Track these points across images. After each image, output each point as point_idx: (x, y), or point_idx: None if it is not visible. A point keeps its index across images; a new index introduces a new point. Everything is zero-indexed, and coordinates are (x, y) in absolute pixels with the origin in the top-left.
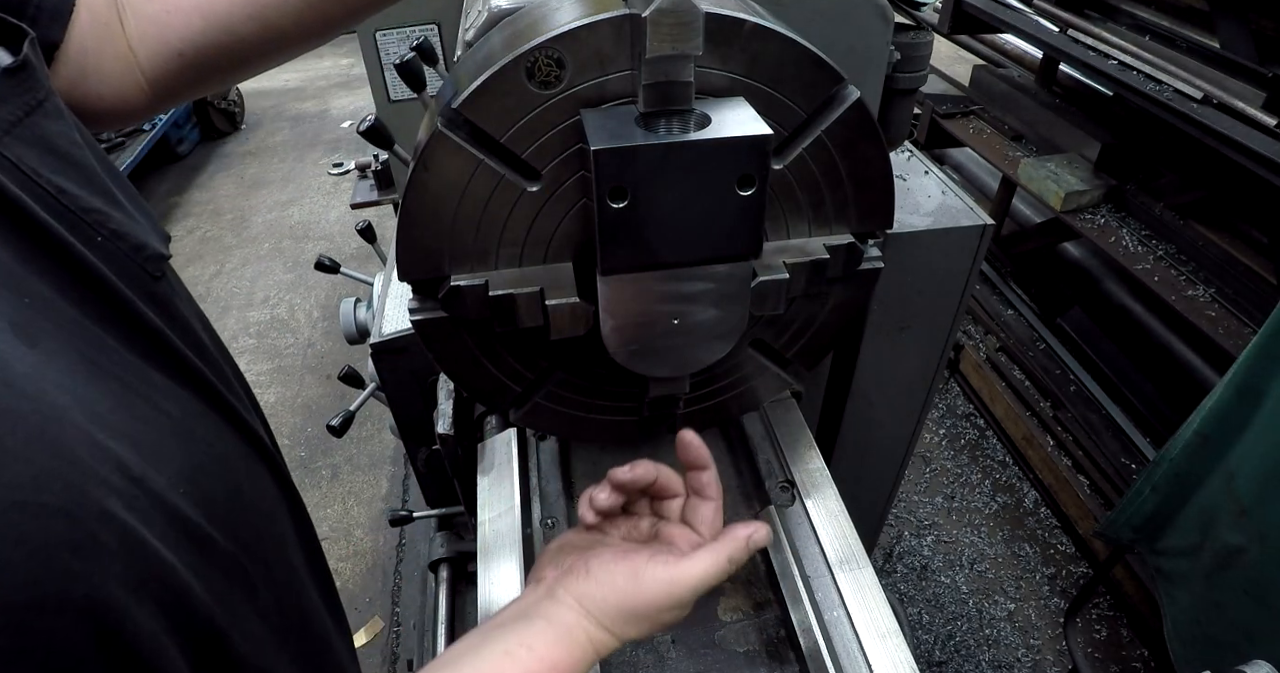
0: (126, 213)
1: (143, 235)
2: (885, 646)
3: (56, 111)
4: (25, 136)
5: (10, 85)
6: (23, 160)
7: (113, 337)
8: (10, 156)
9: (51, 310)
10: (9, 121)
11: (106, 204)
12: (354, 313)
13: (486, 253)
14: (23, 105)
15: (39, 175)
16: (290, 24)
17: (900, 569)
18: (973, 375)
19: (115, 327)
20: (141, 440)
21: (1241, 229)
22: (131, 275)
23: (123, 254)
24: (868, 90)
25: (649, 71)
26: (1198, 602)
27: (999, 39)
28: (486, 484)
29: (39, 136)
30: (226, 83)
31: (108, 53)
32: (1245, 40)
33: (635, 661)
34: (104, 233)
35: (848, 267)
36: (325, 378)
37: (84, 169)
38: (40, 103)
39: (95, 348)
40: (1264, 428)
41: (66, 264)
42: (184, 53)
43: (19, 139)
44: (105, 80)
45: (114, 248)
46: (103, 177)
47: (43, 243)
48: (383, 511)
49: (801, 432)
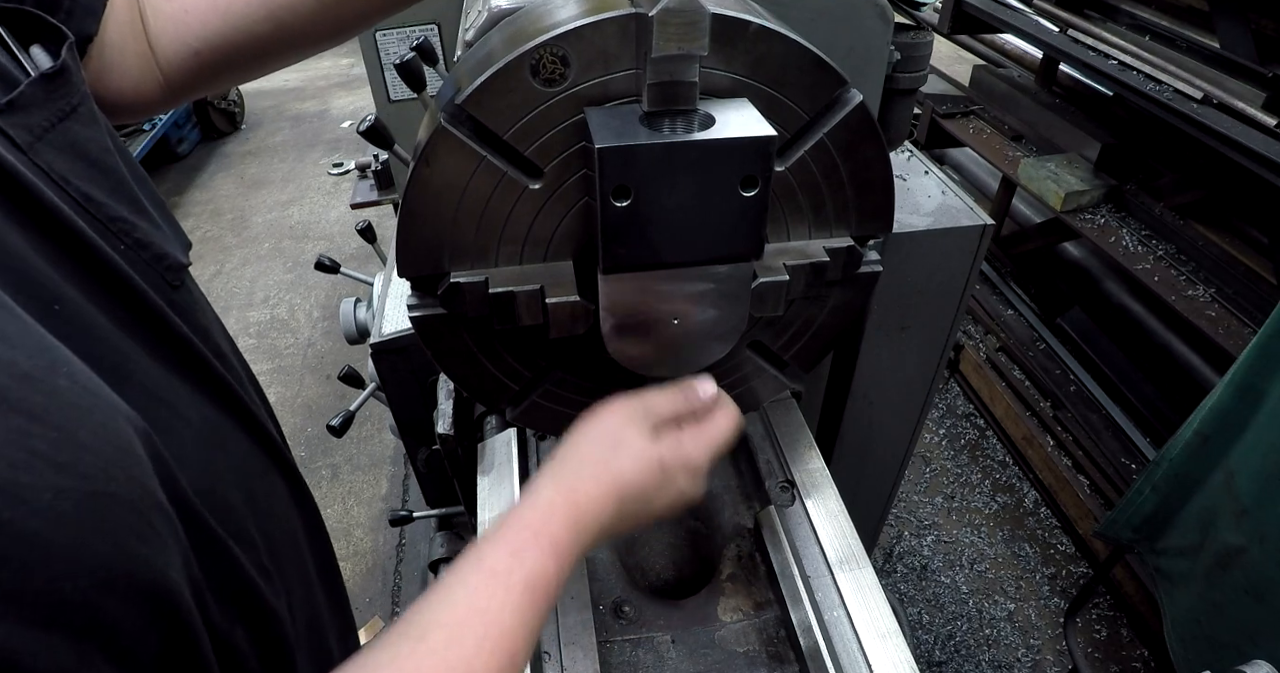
0: (151, 221)
1: (165, 245)
2: (885, 646)
3: (90, 116)
4: (57, 143)
5: (46, 90)
6: (53, 167)
7: (137, 343)
8: (41, 163)
9: (78, 316)
10: (42, 128)
11: (132, 212)
12: (354, 313)
13: (487, 250)
14: (57, 111)
15: (68, 182)
16: (305, 25)
17: (900, 569)
18: (973, 375)
19: (139, 334)
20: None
21: (1241, 229)
22: (153, 284)
23: (144, 263)
24: (868, 90)
25: (654, 71)
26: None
27: (999, 39)
28: (486, 484)
29: (70, 143)
30: (241, 80)
31: (129, 50)
32: (1245, 40)
33: (635, 661)
34: (128, 242)
35: (847, 269)
36: (325, 378)
37: (112, 176)
38: (74, 108)
39: (120, 354)
40: (1264, 428)
41: (94, 270)
42: (200, 51)
43: (51, 145)
44: (125, 76)
45: (136, 257)
46: (130, 184)
47: (72, 249)
48: (383, 511)
49: (801, 432)
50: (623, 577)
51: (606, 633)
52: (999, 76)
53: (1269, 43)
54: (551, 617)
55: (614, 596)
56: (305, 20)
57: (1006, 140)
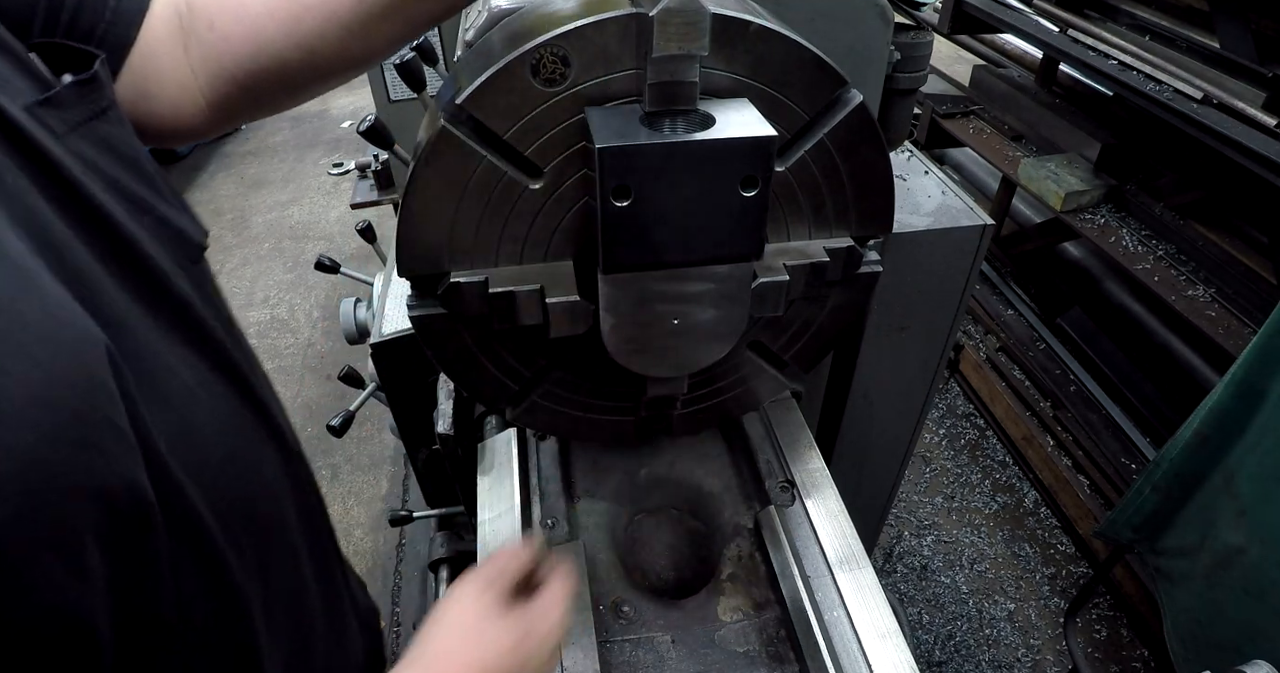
0: (173, 206)
1: (184, 225)
2: (885, 646)
3: (118, 120)
4: (88, 136)
5: (79, 93)
6: (83, 153)
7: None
8: (73, 149)
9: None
10: (75, 122)
11: (154, 197)
12: (354, 313)
13: (487, 250)
14: (88, 111)
15: (97, 168)
16: (334, 53)
17: (900, 569)
18: (973, 375)
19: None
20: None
21: (1241, 229)
22: (171, 256)
23: (164, 238)
24: (868, 90)
25: (655, 71)
26: (1198, 602)
27: (999, 39)
28: (486, 484)
29: (100, 138)
30: (282, 106)
31: (168, 78)
32: (1245, 40)
33: (635, 661)
34: (151, 218)
35: (847, 270)
36: (325, 378)
37: (138, 167)
38: (104, 110)
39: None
40: (1264, 428)
41: (111, 240)
42: (238, 78)
43: (83, 137)
44: (165, 102)
45: (157, 232)
46: (155, 175)
47: (93, 219)
48: (383, 510)
49: (801, 432)
50: (623, 577)
51: (606, 633)
52: (999, 76)
53: (1269, 43)
54: None
55: (614, 596)
56: (334, 48)
57: (1006, 140)
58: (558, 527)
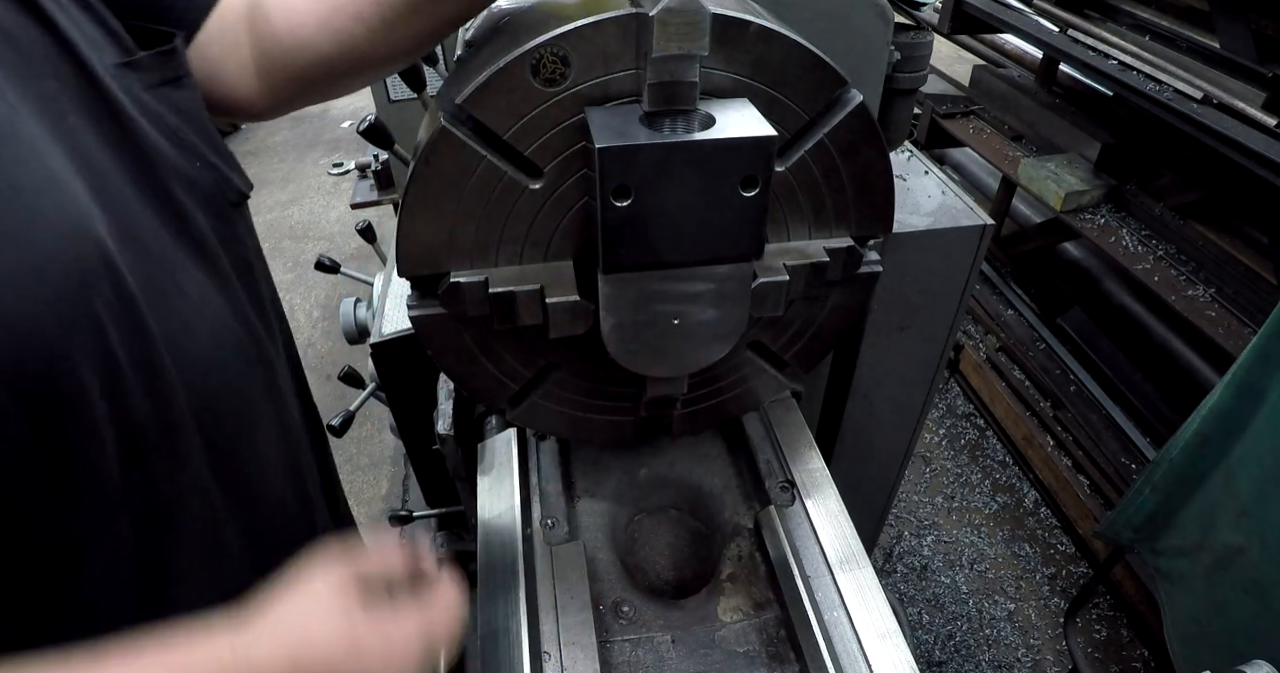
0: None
1: (230, 174)
2: (885, 646)
3: (191, 88)
4: (160, 96)
5: (157, 61)
6: (150, 107)
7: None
8: (140, 101)
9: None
10: (150, 83)
11: (208, 148)
12: (354, 313)
13: (487, 250)
14: (162, 76)
15: (161, 119)
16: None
17: (900, 569)
18: (973, 375)
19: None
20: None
21: (1241, 229)
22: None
23: (209, 180)
24: (868, 90)
25: (655, 71)
26: (1198, 602)
27: (999, 39)
28: (486, 484)
29: (171, 100)
30: (331, 94)
31: (230, 65)
32: (1245, 40)
33: (635, 661)
34: (201, 162)
35: (847, 270)
36: (325, 378)
37: (200, 125)
38: (178, 78)
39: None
40: (1264, 428)
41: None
42: (287, 68)
43: (156, 97)
44: (228, 84)
45: (204, 174)
46: (214, 134)
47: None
48: (383, 510)
49: (801, 432)
50: (623, 577)
51: (606, 633)
52: (999, 76)
53: (1269, 43)
54: (551, 617)
55: (614, 596)
56: (364, 45)
57: (1006, 140)
58: (558, 527)
